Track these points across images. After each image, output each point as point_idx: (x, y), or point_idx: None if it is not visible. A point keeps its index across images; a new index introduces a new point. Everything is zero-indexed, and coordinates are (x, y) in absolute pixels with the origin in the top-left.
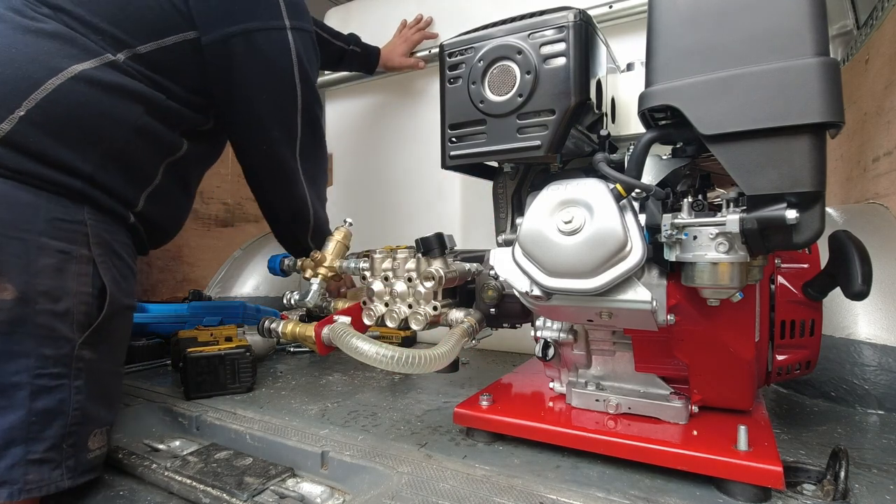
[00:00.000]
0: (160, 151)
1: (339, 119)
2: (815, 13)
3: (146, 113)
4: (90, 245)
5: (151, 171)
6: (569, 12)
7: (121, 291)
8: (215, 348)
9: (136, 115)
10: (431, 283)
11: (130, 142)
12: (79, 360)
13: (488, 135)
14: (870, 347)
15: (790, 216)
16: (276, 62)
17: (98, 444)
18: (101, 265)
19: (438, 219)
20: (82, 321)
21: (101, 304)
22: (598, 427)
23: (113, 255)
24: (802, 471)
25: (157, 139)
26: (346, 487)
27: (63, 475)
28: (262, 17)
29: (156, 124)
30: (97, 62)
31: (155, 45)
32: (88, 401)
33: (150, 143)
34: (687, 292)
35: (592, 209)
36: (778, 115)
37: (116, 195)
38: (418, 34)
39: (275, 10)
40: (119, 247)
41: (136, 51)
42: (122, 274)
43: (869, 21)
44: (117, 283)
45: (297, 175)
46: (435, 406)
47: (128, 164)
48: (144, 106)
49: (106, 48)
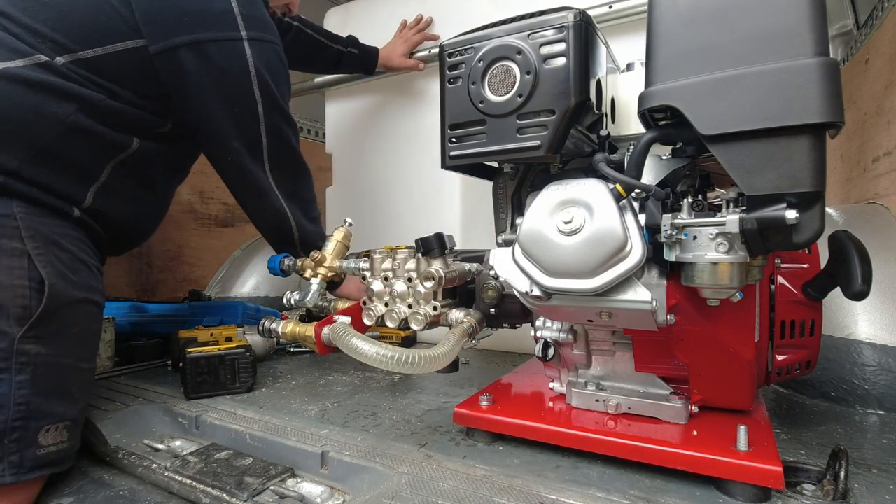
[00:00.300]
0: (102, 149)
1: (339, 119)
2: (815, 13)
3: (79, 111)
4: (23, 238)
5: (95, 168)
6: (569, 12)
7: (69, 284)
8: (215, 348)
9: (67, 113)
10: (431, 284)
11: (62, 138)
12: (21, 354)
13: (488, 135)
14: (870, 347)
15: (790, 216)
16: (230, 74)
17: (54, 439)
18: (38, 258)
19: (438, 219)
20: (20, 314)
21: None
22: (597, 427)
23: (54, 247)
24: (802, 471)
25: (96, 137)
26: (346, 487)
27: (5, 471)
28: (214, 28)
29: (91, 122)
30: (26, 62)
31: (99, 51)
32: (36, 396)
33: (87, 140)
34: (687, 292)
35: (592, 209)
36: (778, 115)
37: (51, 190)
38: (419, 35)
39: (229, 22)
40: (64, 240)
41: (78, 55)
42: (69, 267)
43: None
44: (62, 276)
45: (268, 188)
46: (435, 406)
47: (62, 159)
48: (77, 104)
49: (43, 51)
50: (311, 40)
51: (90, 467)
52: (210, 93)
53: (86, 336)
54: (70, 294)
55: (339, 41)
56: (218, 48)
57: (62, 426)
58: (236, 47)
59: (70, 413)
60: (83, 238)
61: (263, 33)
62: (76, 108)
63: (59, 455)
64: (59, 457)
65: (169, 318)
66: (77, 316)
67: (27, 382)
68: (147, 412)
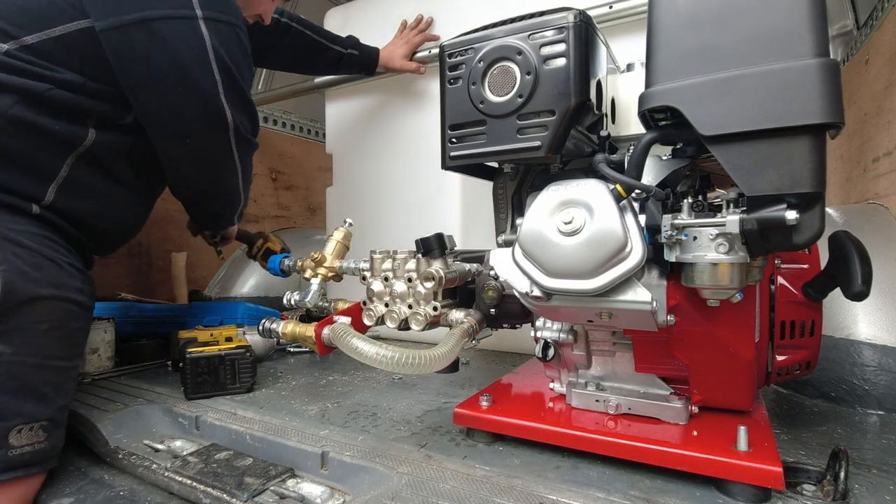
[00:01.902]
0: (55, 143)
1: (339, 119)
2: (815, 14)
3: (19, 103)
4: None
5: (52, 164)
6: (569, 13)
7: (29, 281)
8: (215, 348)
9: (6, 106)
10: (431, 284)
11: (4, 132)
12: None
13: (488, 135)
14: (870, 348)
15: (790, 217)
16: (184, 53)
17: (28, 440)
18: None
19: (438, 219)
20: None
21: None
22: (598, 427)
23: (10, 244)
24: (802, 471)
25: (43, 130)
26: (346, 488)
27: None
28: (165, 6)
29: (34, 115)
30: None
31: (44, 35)
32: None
33: (34, 134)
34: (687, 293)
35: (592, 210)
36: (778, 115)
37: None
38: (419, 36)
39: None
40: (23, 237)
41: (22, 41)
42: (30, 263)
43: (869, 21)
44: (21, 273)
45: (232, 166)
46: (435, 406)
47: (8, 156)
48: (17, 96)
49: None
50: (309, 42)
51: (90, 467)
52: (163, 74)
53: (57, 334)
54: (30, 291)
55: (338, 42)
56: (170, 26)
57: (37, 426)
58: (191, 25)
59: (44, 412)
60: (49, 235)
61: (223, 14)
62: (15, 100)
63: (35, 456)
64: (35, 457)
65: (169, 319)
66: (42, 313)
67: None
68: (147, 412)
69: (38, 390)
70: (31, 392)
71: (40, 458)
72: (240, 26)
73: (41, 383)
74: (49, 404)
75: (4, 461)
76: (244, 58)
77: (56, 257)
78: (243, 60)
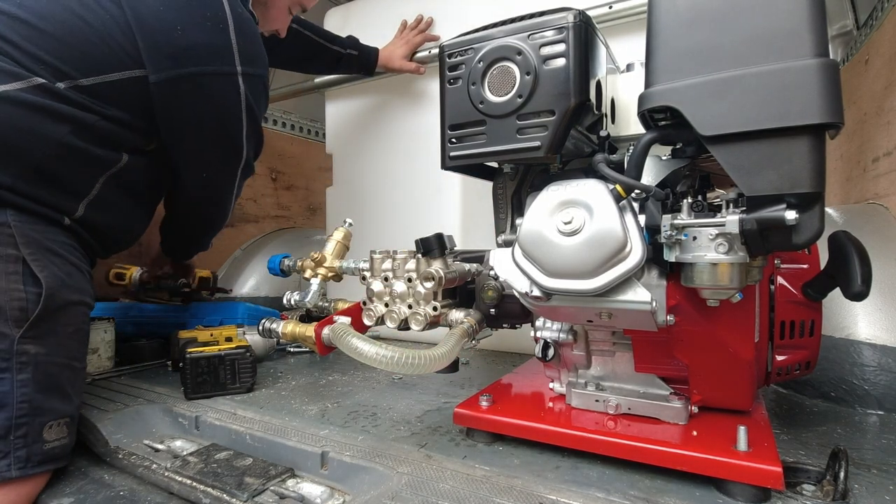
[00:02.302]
0: (93, 165)
1: (339, 119)
2: (815, 14)
3: (72, 132)
4: (17, 244)
5: (87, 183)
6: (568, 13)
7: (65, 287)
8: (215, 348)
9: (62, 134)
10: (431, 284)
11: (56, 156)
12: (21, 354)
13: (488, 135)
14: (869, 348)
15: (790, 217)
16: (222, 102)
17: (57, 434)
18: (34, 262)
19: (438, 219)
20: (18, 317)
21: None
22: (597, 427)
23: (49, 253)
24: (802, 471)
25: (87, 155)
26: (346, 488)
27: (11, 465)
28: (214, 63)
29: (83, 143)
30: (24, 84)
31: (99, 80)
32: (37, 393)
33: (79, 158)
34: (686, 293)
35: (592, 210)
36: (777, 116)
37: (43, 202)
38: (419, 36)
39: (227, 57)
40: (57, 246)
41: (78, 82)
42: (64, 271)
43: (869, 21)
44: (58, 279)
45: (231, 196)
46: (435, 406)
47: (55, 176)
48: (71, 126)
49: (43, 75)
50: (309, 42)
51: (90, 467)
52: (202, 119)
53: (78, 336)
54: (65, 297)
55: (338, 42)
56: (214, 81)
57: (62, 422)
58: (231, 81)
59: (68, 409)
60: (73, 244)
61: (255, 68)
62: (70, 129)
63: (62, 450)
64: (62, 452)
65: (169, 319)
66: (70, 317)
67: (28, 381)
68: (147, 412)
69: (63, 389)
70: (58, 390)
71: (64, 453)
72: (266, 74)
73: (66, 382)
74: (71, 402)
75: (41, 454)
76: (265, 102)
77: (79, 265)
78: (264, 104)
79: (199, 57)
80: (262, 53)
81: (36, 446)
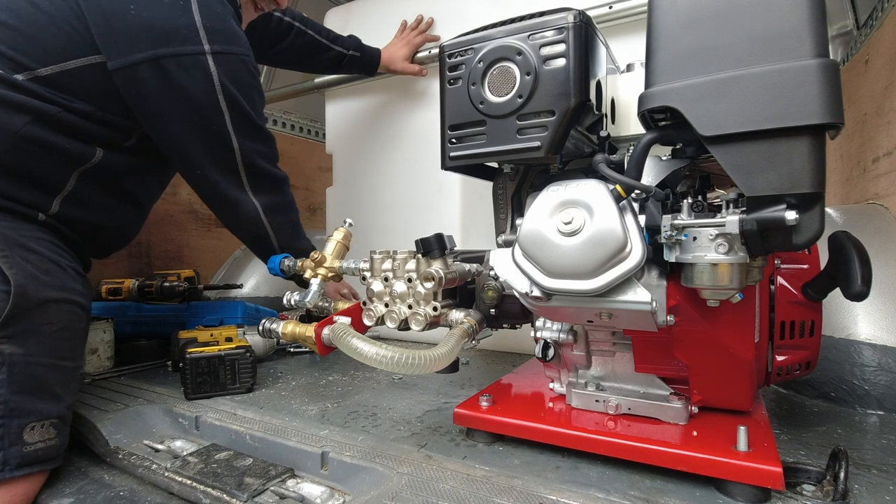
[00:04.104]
0: (62, 159)
1: (339, 119)
2: (815, 14)
3: (32, 122)
4: None
5: (58, 178)
6: (568, 13)
7: (40, 284)
8: (215, 349)
9: (19, 125)
10: (431, 284)
11: (18, 149)
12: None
13: (488, 136)
14: (869, 348)
15: (790, 217)
16: (190, 88)
17: (41, 436)
18: (2, 259)
19: (438, 219)
20: None
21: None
22: (597, 427)
23: (22, 249)
24: (802, 471)
25: (52, 147)
26: (346, 488)
27: None
28: (174, 43)
29: (45, 133)
30: None
31: (57, 69)
32: (15, 394)
33: (44, 150)
34: (687, 293)
35: (592, 210)
36: (777, 116)
37: (12, 198)
38: (420, 37)
39: (189, 36)
40: (33, 242)
41: (36, 73)
42: (39, 268)
43: (869, 21)
44: (33, 277)
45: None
46: (435, 406)
47: (19, 169)
48: (30, 116)
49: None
50: (311, 42)
51: (90, 467)
52: (172, 110)
53: (66, 335)
54: (41, 294)
55: (340, 42)
56: (177, 63)
57: (48, 424)
58: (198, 62)
59: (55, 411)
60: (54, 241)
61: (229, 45)
62: (28, 119)
63: (47, 452)
64: (47, 454)
65: (169, 319)
66: (52, 315)
67: (4, 382)
68: (147, 412)
69: (50, 389)
70: (43, 391)
71: (51, 455)
72: (247, 55)
73: (53, 383)
74: (59, 403)
75: (20, 457)
76: (253, 87)
77: (61, 262)
78: (253, 89)
79: (157, 38)
80: (236, 30)
81: (15, 449)
